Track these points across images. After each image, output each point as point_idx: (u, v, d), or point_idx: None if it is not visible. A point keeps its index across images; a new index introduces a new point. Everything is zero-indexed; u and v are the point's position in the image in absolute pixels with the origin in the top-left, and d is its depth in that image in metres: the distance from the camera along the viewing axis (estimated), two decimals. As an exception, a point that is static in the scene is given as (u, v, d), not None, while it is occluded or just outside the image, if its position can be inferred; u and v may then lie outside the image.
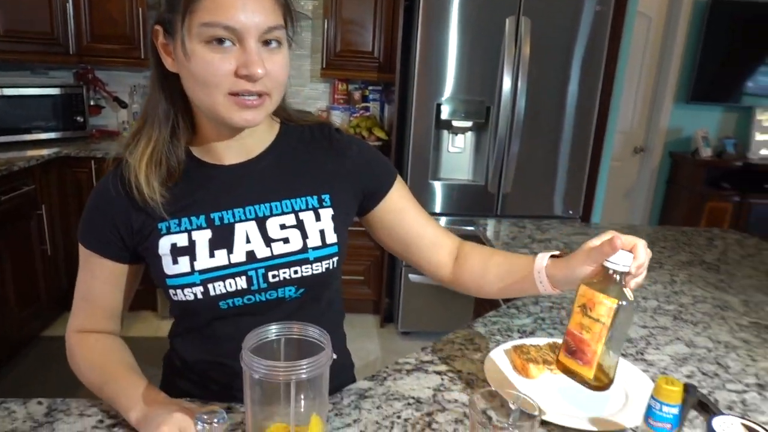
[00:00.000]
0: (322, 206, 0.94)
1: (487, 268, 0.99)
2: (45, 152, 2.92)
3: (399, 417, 0.88)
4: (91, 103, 3.44)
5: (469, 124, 2.88)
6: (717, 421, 0.63)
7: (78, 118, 3.26)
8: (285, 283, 0.90)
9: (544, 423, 0.88)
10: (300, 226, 0.92)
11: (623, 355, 1.11)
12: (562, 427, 0.87)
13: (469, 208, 2.91)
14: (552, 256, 0.90)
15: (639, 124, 4.20)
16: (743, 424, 0.62)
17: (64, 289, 3.16)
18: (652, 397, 0.62)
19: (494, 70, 2.76)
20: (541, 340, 1.10)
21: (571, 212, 3.02)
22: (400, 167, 2.99)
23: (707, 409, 0.94)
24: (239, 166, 0.92)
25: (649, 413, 0.62)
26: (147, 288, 1.00)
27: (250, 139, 0.92)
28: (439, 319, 3.03)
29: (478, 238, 2.06)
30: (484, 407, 0.82)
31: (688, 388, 1.00)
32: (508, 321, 1.25)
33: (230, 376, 0.90)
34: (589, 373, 0.75)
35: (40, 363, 2.82)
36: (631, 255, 0.75)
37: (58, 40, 3.09)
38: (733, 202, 3.97)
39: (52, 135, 3.18)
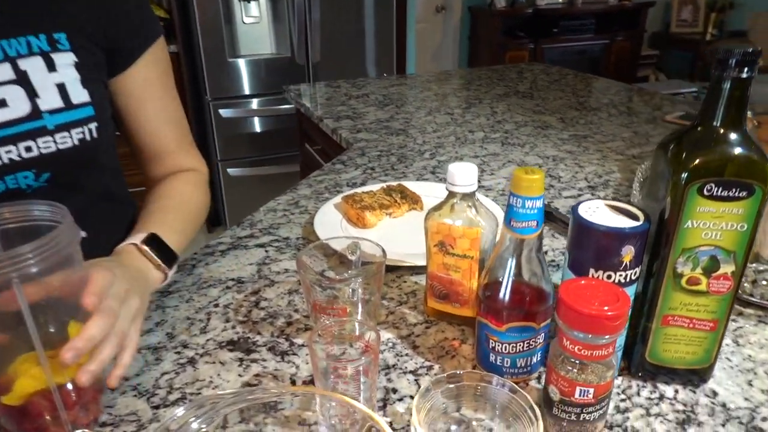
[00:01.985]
0: (56, 50, 0.65)
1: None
2: None
3: (217, 305, 0.70)
4: None
5: (259, -12, 2.53)
6: (582, 207, 0.53)
7: None
8: (14, 167, 0.63)
9: (392, 270, 0.76)
10: (22, 80, 0.63)
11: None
12: (414, 269, 0.76)
13: (280, 85, 2.64)
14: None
15: (436, -20, 4.13)
16: (607, 205, 0.54)
17: None
18: (511, 194, 0.50)
19: None
20: (374, 187, 0.96)
21: (385, 75, 2.90)
22: (191, 49, 2.58)
23: (551, 218, 0.89)
24: None
25: (511, 214, 0.50)
26: None
27: None
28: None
29: (293, 115, 1.85)
30: (321, 269, 0.67)
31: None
32: (335, 177, 1.09)
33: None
34: (471, 312, 0.62)
35: None
36: (474, 168, 0.59)
37: None
38: (528, 49, 4.18)
39: None
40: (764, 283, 0.69)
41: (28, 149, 0.63)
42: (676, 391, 0.56)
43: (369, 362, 0.49)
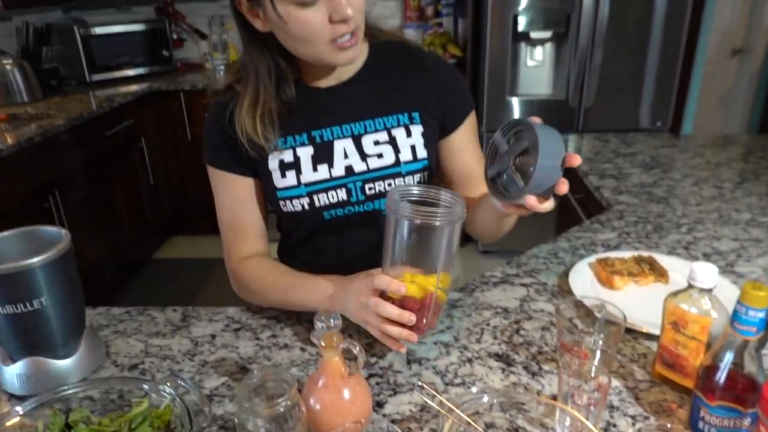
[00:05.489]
0: (412, 123, 1.00)
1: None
2: (136, 88, 3.09)
3: (488, 324, 0.96)
4: (174, 36, 3.56)
5: (548, 34, 2.76)
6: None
7: (164, 53, 3.41)
8: (380, 195, 0.99)
9: (629, 331, 0.93)
10: (392, 142, 0.99)
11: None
12: (647, 334, 0.92)
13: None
14: None
15: (739, 21, 3.84)
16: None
17: (168, 215, 3.44)
18: (738, 302, 0.64)
19: (576, -27, 2.60)
20: (626, 254, 1.12)
21: (659, 124, 2.88)
22: (475, 84, 2.94)
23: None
24: (335, 88, 0.99)
25: (735, 317, 0.65)
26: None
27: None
28: (518, 237, 3.03)
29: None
30: (570, 316, 0.88)
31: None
32: (591, 236, 1.27)
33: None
34: (691, 384, 0.77)
35: (155, 282, 3.14)
36: (715, 269, 0.74)
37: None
38: None
39: (141, 71, 3.35)
40: None
41: (390, 185, 0.98)
42: None
43: (599, 398, 0.70)
